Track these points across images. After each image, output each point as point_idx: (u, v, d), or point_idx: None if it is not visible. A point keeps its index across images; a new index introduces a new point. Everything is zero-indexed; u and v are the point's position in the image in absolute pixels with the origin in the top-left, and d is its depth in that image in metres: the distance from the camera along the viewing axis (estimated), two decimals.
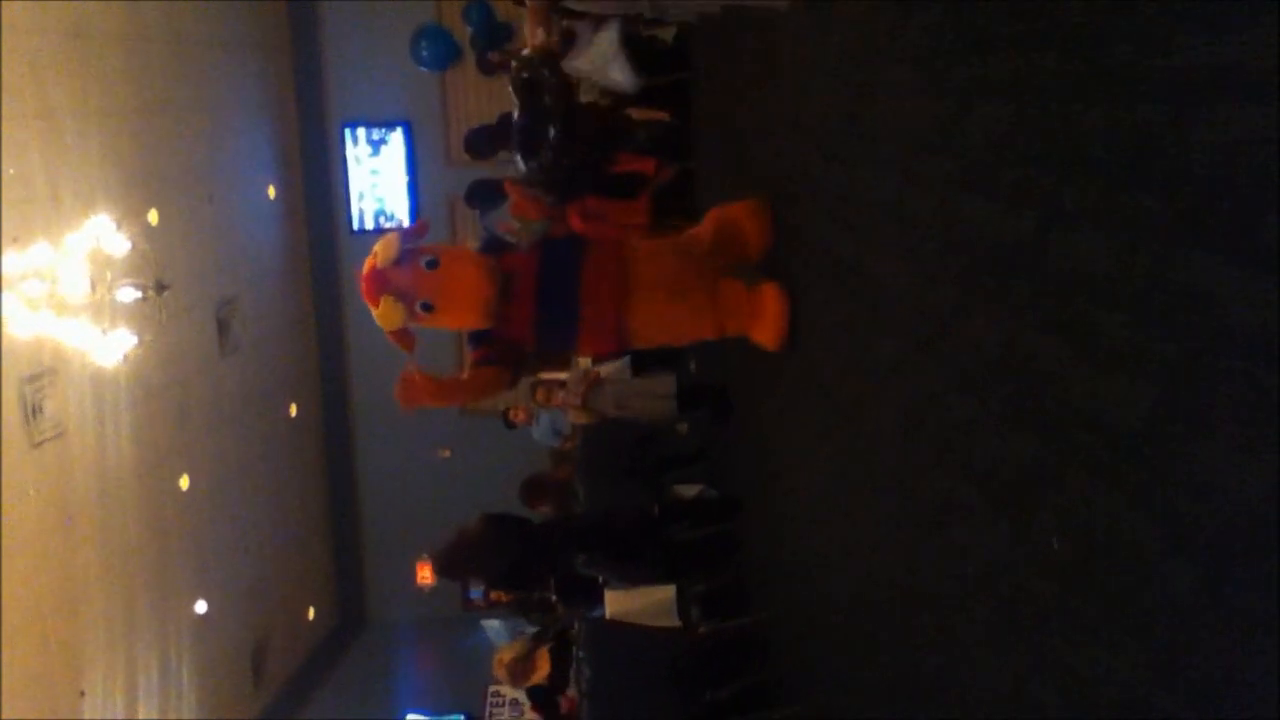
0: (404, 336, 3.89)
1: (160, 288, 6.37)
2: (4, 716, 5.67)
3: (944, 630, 2.51)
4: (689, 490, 5.78)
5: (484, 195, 6.68)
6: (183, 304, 7.79)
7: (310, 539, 11.18)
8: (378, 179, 11.50)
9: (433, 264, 3.82)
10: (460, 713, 10.29)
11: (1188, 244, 1.47)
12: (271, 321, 10.09)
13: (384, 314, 3.76)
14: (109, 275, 6.12)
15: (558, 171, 5.60)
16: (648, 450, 5.85)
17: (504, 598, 8.14)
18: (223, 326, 9.05)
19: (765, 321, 3.90)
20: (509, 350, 4.06)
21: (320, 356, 11.47)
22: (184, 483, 8.21)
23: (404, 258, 3.81)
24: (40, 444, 6.35)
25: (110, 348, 6.10)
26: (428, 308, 3.82)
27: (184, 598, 8.21)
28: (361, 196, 11.51)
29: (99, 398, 6.84)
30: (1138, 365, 1.61)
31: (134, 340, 6.26)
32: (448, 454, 11.29)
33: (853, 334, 3.14)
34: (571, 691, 5.96)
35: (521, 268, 3.99)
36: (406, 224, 4.71)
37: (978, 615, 2.31)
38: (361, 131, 11.43)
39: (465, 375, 4.17)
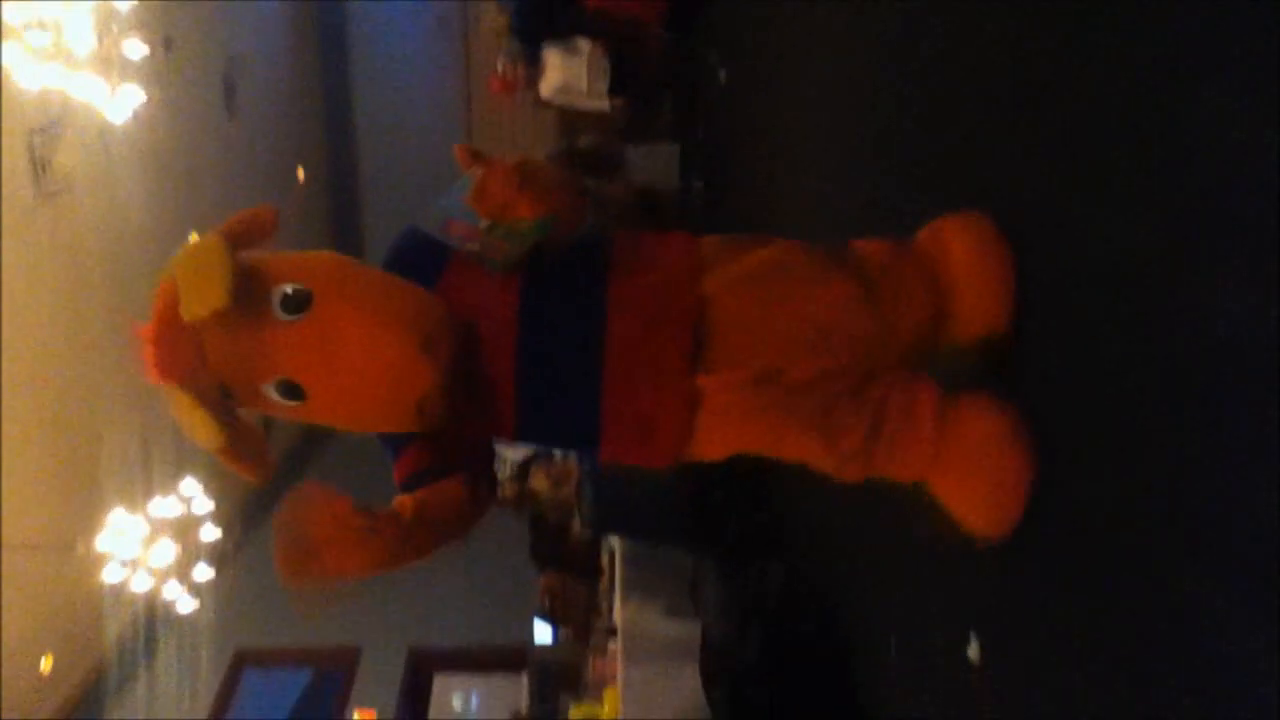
0: (239, 453, 1.95)
1: (167, 43, 6.26)
2: (22, 465, 5.94)
3: None
4: None
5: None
6: (190, 62, 7.69)
7: None
8: None
9: (298, 304, 1.87)
10: None
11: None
12: (278, 85, 9.96)
13: (192, 418, 1.85)
14: (115, 28, 6.01)
15: None
16: None
17: None
18: (229, 87, 8.94)
19: (976, 484, 2.04)
20: (469, 456, 2.13)
21: (326, 125, 11.35)
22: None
23: (234, 293, 1.80)
24: (50, 196, 6.40)
25: (120, 103, 6.06)
26: (291, 391, 1.90)
27: None
28: None
29: (108, 154, 6.84)
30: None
31: (143, 97, 6.21)
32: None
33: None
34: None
35: (488, 308, 2.02)
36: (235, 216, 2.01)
37: None
38: None
39: (406, 507, 1.99)
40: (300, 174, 10.66)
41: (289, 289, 1.88)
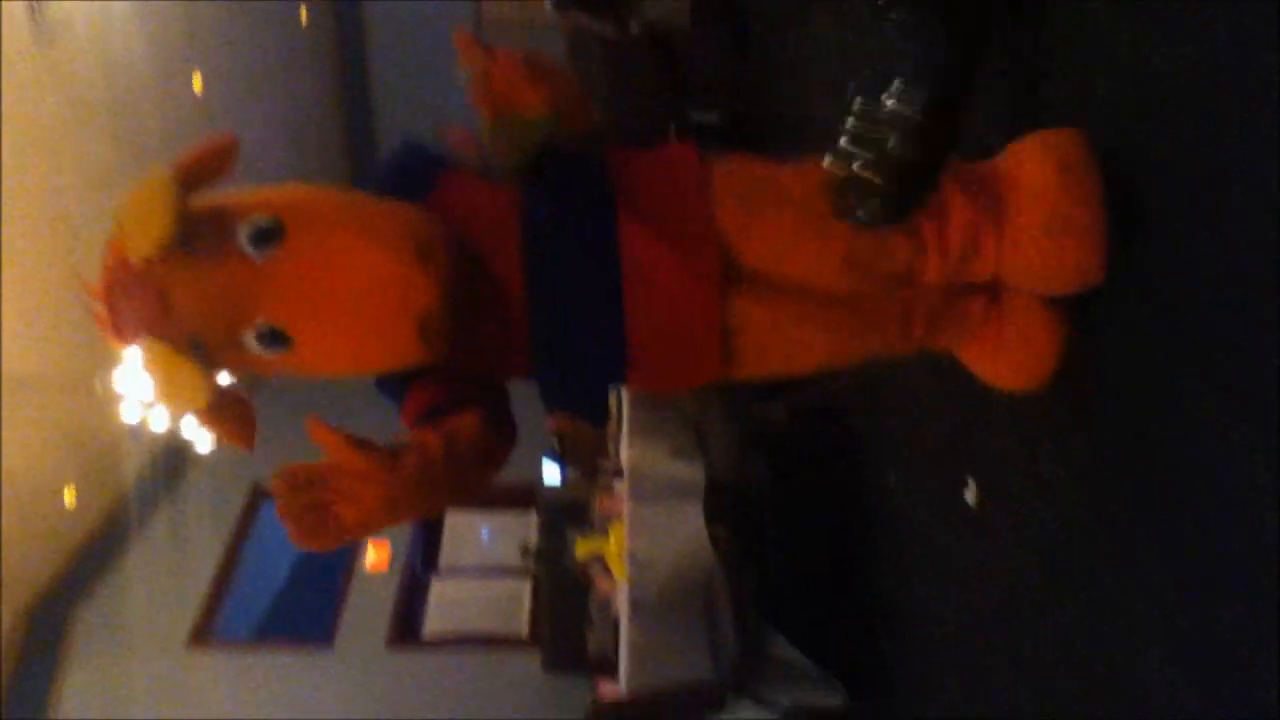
0: (224, 415, 1.71)
1: None
2: (32, 302, 5.98)
3: None
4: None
5: None
6: None
7: (325, 158, 11.22)
8: None
9: (267, 236, 1.66)
10: None
11: None
12: None
13: (173, 373, 1.61)
14: None
15: None
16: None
17: None
18: None
19: (1016, 351, 1.96)
20: (478, 387, 1.94)
21: None
22: (196, 83, 8.16)
23: (195, 232, 1.64)
24: (45, 38, 6.27)
25: None
26: (276, 339, 1.67)
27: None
28: None
29: None
30: None
31: None
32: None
33: None
34: None
35: (488, 224, 1.83)
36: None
37: None
38: None
39: (429, 439, 1.75)
40: (304, 13, 10.39)
41: (257, 222, 1.66)
